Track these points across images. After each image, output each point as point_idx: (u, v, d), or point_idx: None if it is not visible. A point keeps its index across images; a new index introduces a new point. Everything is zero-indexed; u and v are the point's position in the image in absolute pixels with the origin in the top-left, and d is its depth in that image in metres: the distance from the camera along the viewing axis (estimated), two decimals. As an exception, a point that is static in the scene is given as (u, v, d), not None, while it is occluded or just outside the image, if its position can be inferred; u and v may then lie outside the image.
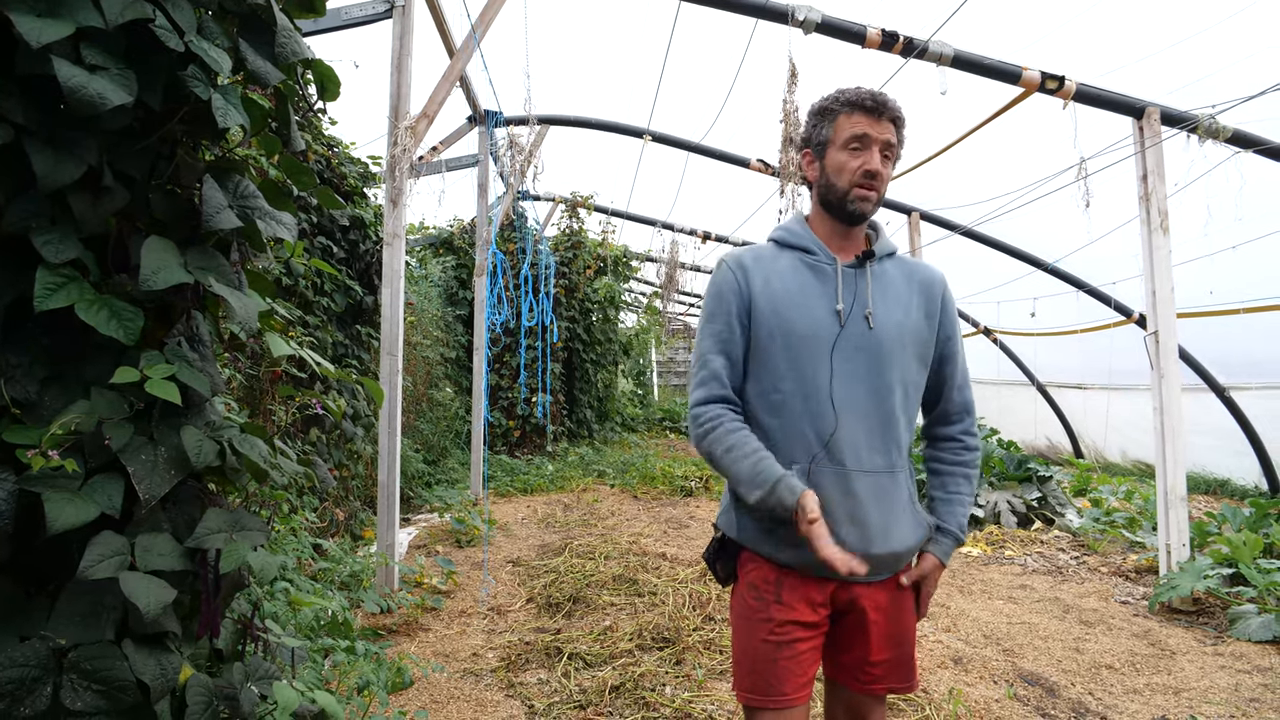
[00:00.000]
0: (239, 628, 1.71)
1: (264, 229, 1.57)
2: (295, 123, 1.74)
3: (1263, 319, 7.39)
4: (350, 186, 5.79)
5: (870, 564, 1.71)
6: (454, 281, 11.05)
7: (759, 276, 1.79)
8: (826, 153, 1.81)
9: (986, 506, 7.24)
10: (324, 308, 5.38)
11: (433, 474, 8.55)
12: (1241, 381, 8.45)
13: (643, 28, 6.11)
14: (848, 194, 1.77)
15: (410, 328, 8.48)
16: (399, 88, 4.64)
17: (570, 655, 3.76)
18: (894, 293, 1.83)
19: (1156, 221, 5.22)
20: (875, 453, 1.75)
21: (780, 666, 1.73)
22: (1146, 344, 5.22)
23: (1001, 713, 3.25)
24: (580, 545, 5.87)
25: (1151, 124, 5.31)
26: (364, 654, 2.97)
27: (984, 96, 5.86)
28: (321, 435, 5.16)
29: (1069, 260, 8.53)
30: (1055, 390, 11.49)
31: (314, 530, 4.68)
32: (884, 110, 1.78)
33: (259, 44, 1.56)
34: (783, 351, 1.74)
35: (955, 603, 4.86)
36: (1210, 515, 6.29)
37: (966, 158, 7.06)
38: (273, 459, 1.61)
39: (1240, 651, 4.13)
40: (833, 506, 1.70)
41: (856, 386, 1.74)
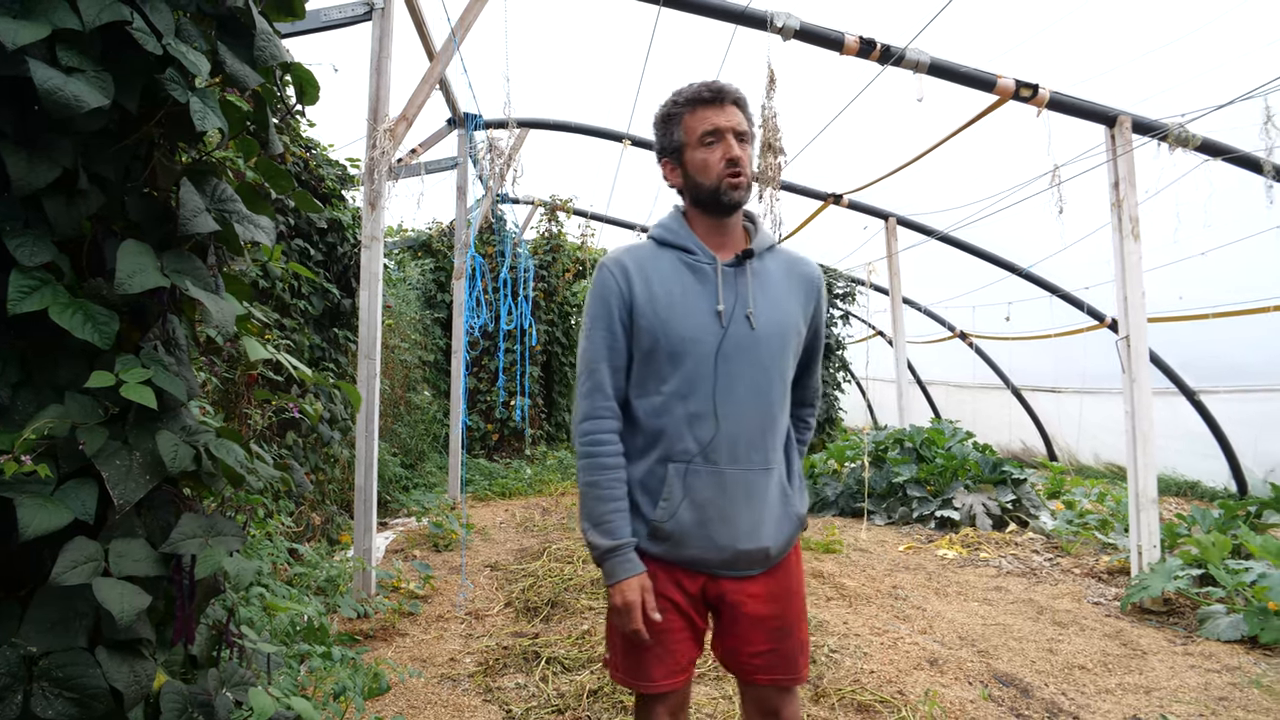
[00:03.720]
0: (214, 634, 1.70)
1: (241, 232, 1.56)
2: (274, 126, 1.73)
3: (1231, 324, 7.52)
4: (328, 189, 5.76)
5: (740, 559, 1.78)
6: (432, 284, 11.01)
7: (639, 279, 1.79)
8: (684, 155, 1.82)
9: (962, 509, 7.30)
10: (301, 310, 5.34)
11: (410, 478, 8.50)
12: (1211, 385, 8.60)
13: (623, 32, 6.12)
14: (718, 187, 1.78)
15: (388, 331, 8.44)
16: (378, 90, 4.62)
17: (548, 659, 3.76)
18: (774, 289, 1.85)
19: (1128, 228, 5.30)
20: (753, 450, 1.78)
21: (653, 654, 1.79)
22: (1118, 348, 5.29)
23: (976, 714, 3.28)
24: (559, 549, 5.86)
25: (1123, 132, 5.39)
26: (340, 659, 2.95)
27: (960, 104, 5.92)
28: (298, 439, 5.13)
29: (1043, 265, 8.64)
30: (1030, 394, 11.63)
31: (290, 535, 4.65)
32: (724, 97, 1.79)
33: (237, 47, 1.55)
34: (665, 355, 1.75)
35: (931, 605, 4.90)
36: (1180, 517, 6.37)
37: (943, 164, 7.14)
38: (249, 463, 1.60)
39: (1209, 651, 4.20)
40: (706, 504, 1.74)
41: (738, 387, 1.76)
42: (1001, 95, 5.48)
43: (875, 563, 5.93)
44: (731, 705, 3.23)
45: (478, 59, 6.57)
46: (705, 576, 1.81)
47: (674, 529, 1.74)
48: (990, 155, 6.80)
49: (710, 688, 3.44)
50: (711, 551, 1.76)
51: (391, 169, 4.74)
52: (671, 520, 1.74)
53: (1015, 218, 7.27)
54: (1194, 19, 5.08)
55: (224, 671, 1.65)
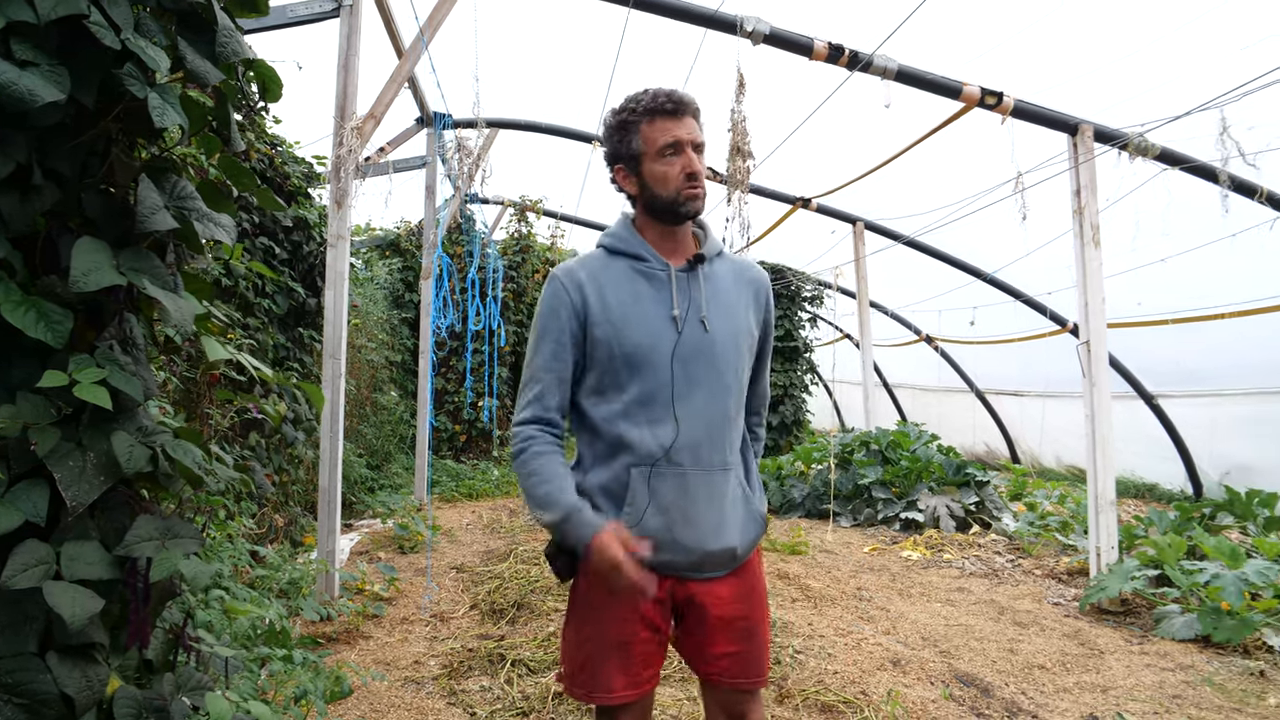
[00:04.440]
0: (170, 638, 1.67)
1: (201, 230, 1.54)
2: (236, 123, 1.71)
3: (1188, 329, 7.68)
4: (294, 187, 5.69)
5: (707, 561, 1.79)
6: (400, 284, 10.92)
7: (593, 289, 1.79)
8: (642, 166, 1.81)
9: (926, 511, 7.39)
10: (265, 310, 5.27)
11: (376, 479, 8.43)
12: (1169, 390, 8.77)
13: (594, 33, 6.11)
14: (677, 199, 1.79)
15: (355, 330, 8.35)
16: (345, 88, 4.58)
17: (513, 662, 3.74)
18: (725, 294, 1.87)
19: (1089, 235, 5.40)
20: (714, 451, 1.79)
21: (615, 664, 1.76)
22: (1079, 353, 5.38)
23: (938, 713, 3.32)
24: (525, 550, 5.84)
25: (1085, 140, 5.49)
26: (302, 663, 2.92)
27: (927, 110, 5.99)
28: (261, 440, 5.06)
29: (1007, 271, 8.76)
30: (994, 397, 11.79)
31: (252, 537, 4.59)
32: (684, 108, 1.79)
33: (198, 42, 1.53)
34: (622, 361, 1.76)
35: (895, 605, 4.95)
36: (1138, 519, 6.50)
37: (910, 169, 7.22)
38: (208, 464, 1.58)
39: (1165, 650, 4.29)
40: (671, 507, 1.74)
41: (696, 390, 1.77)
42: (967, 102, 5.55)
43: (841, 564, 5.98)
44: (695, 706, 3.24)
45: (448, 58, 6.53)
46: (673, 580, 1.81)
47: (640, 534, 1.73)
48: (956, 161, 6.89)
49: (675, 689, 3.45)
50: (680, 554, 1.77)
51: (359, 167, 4.70)
52: (638, 526, 1.74)
53: (980, 223, 7.36)
54: (1155, 30, 5.17)
55: (180, 676, 1.63)
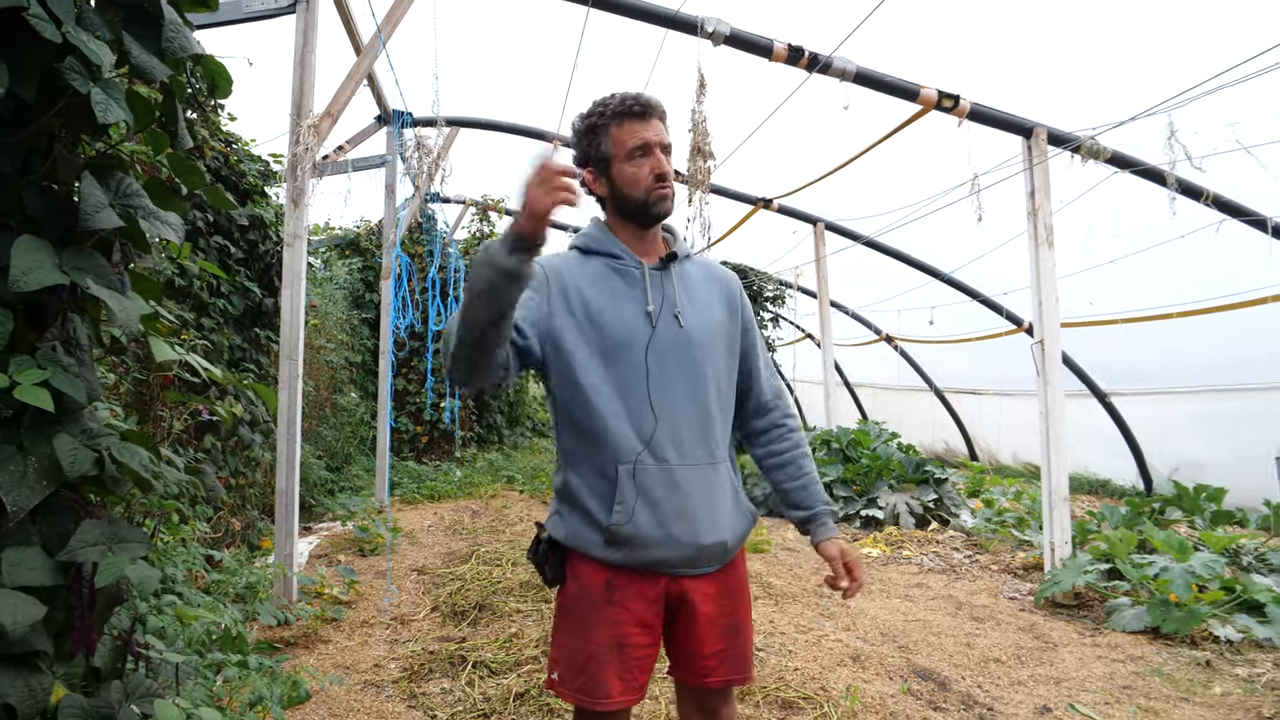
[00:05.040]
0: (118, 644, 1.64)
1: (148, 229, 1.51)
2: (187, 119, 1.68)
3: (1139, 329, 7.86)
4: (250, 185, 5.60)
5: (702, 555, 1.79)
6: (360, 284, 10.80)
7: (569, 279, 1.81)
8: (611, 168, 1.84)
9: (886, 508, 7.48)
10: (220, 310, 5.18)
11: (336, 481, 8.32)
12: (1121, 388, 8.97)
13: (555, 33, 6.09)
14: (647, 200, 1.82)
15: (313, 331, 8.24)
16: (302, 85, 4.52)
17: (475, 664, 3.72)
18: (698, 291, 1.90)
19: (1043, 236, 5.50)
20: (697, 446, 1.80)
21: (612, 668, 1.75)
22: (1033, 352, 5.49)
23: (896, 708, 3.36)
24: (487, 552, 5.81)
25: (1039, 143, 5.60)
26: (258, 668, 2.87)
27: (886, 112, 6.06)
28: (217, 442, 4.98)
29: (964, 271, 8.90)
30: (952, 395, 11.97)
31: (208, 541, 4.50)
32: (651, 111, 1.82)
33: (144, 37, 1.50)
34: (599, 356, 1.77)
35: (855, 602, 5.00)
36: (1091, 514, 6.64)
37: (870, 170, 7.29)
38: (155, 467, 1.55)
39: (1116, 642, 4.38)
40: (661, 501, 1.74)
41: (673, 384, 1.78)
42: (925, 105, 5.63)
43: (802, 562, 6.02)
44: (658, 705, 3.25)
45: (408, 56, 6.47)
46: (667, 578, 1.81)
47: (633, 532, 1.73)
48: (915, 163, 6.98)
49: (637, 688, 3.45)
50: (674, 550, 1.76)
51: (316, 166, 4.64)
52: (629, 523, 1.73)
53: (938, 224, 7.47)
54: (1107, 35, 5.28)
55: (129, 684, 1.59)
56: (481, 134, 8.12)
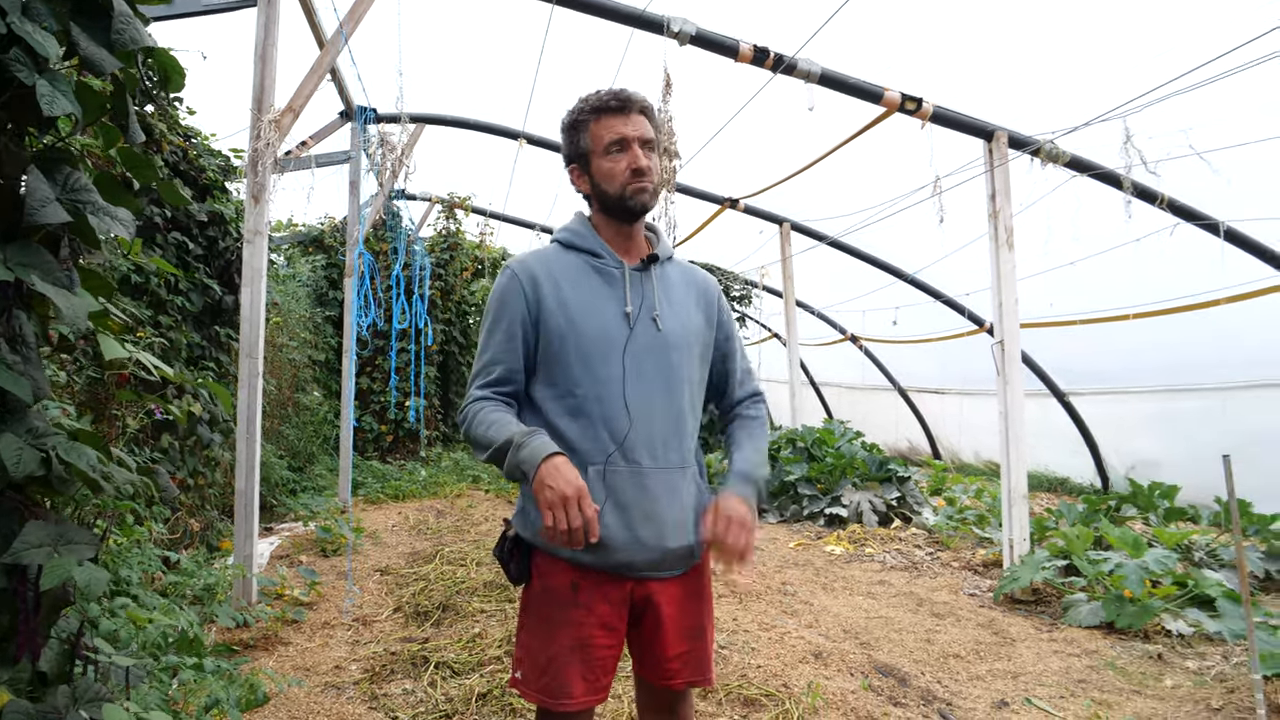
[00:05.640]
0: (66, 648, 1.60)
1: (97, 224, 1.48)
2: (140, 113, 1.65)
3: (1097, 330, 8.01)
4: (209, 180, 5.51)
5: (667, 558, 1.79)
6: (324, 281, 10.69)
7: (547, 283, 1.81)
8: (591, 163, 1.84)
9: (850, 506, 7.55)
10: (179, 307, 5.09)
11: (299, 481, 8.22)
12: (1080, 388, 9.14)
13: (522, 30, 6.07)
14: (624, 194, 1.81)
15: (276, 329, 8.14)
16: (263, 79, 4.46)
17: (437, 664, 3.70)
18: (676, 295, 1.91)
19: (1003, 238, 5.59)
20: (669, 450, 1.80)
21: (575, 669, 1.75)
22: (993, 352, 5.57)
23: (857, 703, 3.39)
24: (452, 551, 5.77)
25: (1000, 146, 5.69)
26: (214, 671, 2.83)
27: (852, 114, 6.11)
28: (175, 442, 4.89)
29: (928, 271, 9.00)
30: (916, 395, 12.11)
31: (165, 542, 4.43)
32: (630, 105, 1.82)
33: (93, 29, 1.47)
34: (575, 355, 1.77)
35: (818, 599, 5.04)
36: (1050, 511, 6.76)
37: (835, 171, 7.35)
38: (105, 467, 1.52)
39: (1072, 637, 4.47)
40: (630, 504, 1.74)
41: (648, 386, 1.78)
42: (888, 107, 5.69)
43: (766, 559, 6.06)
44: (620, 704, 3.25)
45: (372, 52, 6.41)
46: (632, 581, 1.80)
47: (600, 534, 1.71)
48: (879, 165, 7.04)
49: (600, 687, 3.45)
50: (640, 553, 1.76)
51: (277, 161, 4.58)
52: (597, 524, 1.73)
53: (902, 225, 7.55)
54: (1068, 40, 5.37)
55: (77, 688, 1.56)
56: (448, 131, 8.07)
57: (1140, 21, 4.95)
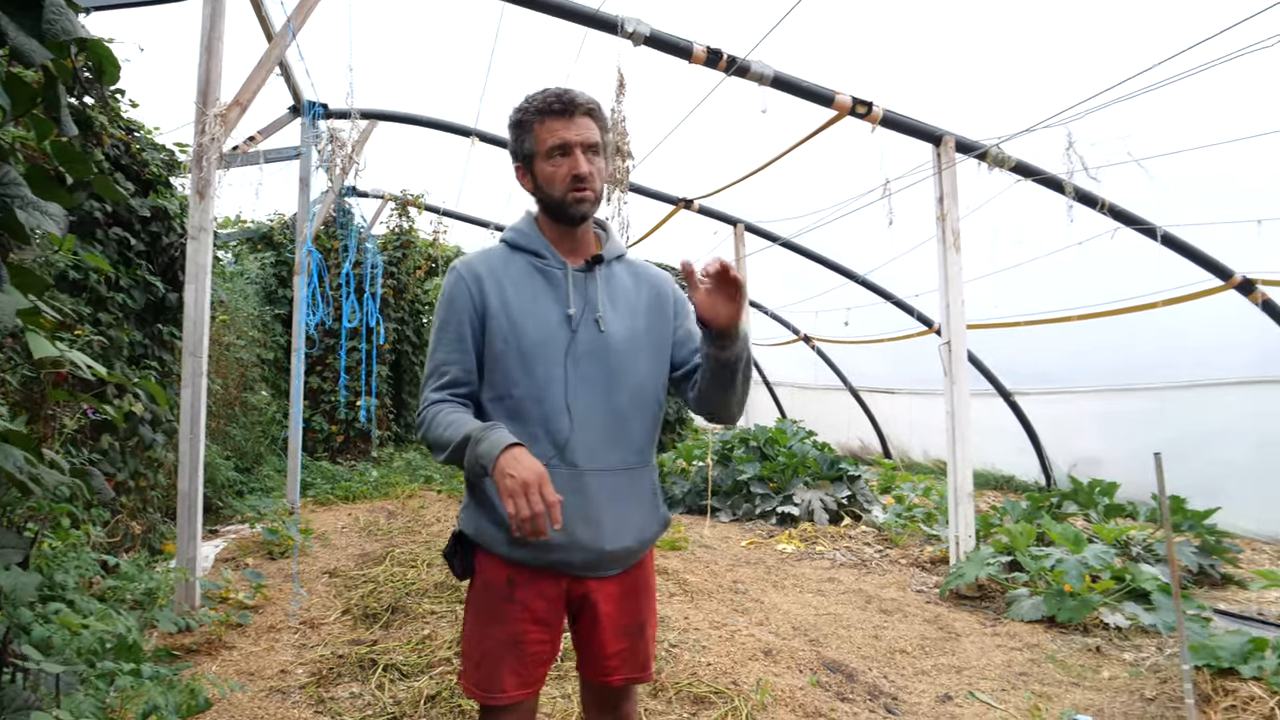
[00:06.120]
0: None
1: (25, 219, 1.44)
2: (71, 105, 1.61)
3: (1042, 331, 8.20)
4: (153, 175, 5.37)
5: (604, 560, 1.80)
6: (273, 279, 10.50)
7: (491, 283, 1.80)
8: (534, 165, 1.83)
9: (801, 505, 7.63)
10: (120, 304, 4.97)
11: (246, 482, 8.07)
12: (1025, 387, 9.35)
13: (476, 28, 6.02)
14: (564, 200, 1.80)
15: (223, 327, 7.98)
16: (208, 72, 4.37)
17: (386, 666, 3.66)
18: (624, 295, 1.89)
19: (950, 240, 5.69)
20: (611, 452, 1.80)
21: (507, 664, 1.76)
22: (940, 352, 5.67)
23: (805, 699, 3.43)
24: (403, 553, 5.71)
25: (948, 150, 5.79)
26: (152, 677, 2.77)
27: (804, 116, 6.17)
28: (115, 442, 4.77)
29: (878, 273, 9.13)
30: (867, 394, 12.28)
31: (104, 546, 4.32)
32: (574, 108, 1.79)
33: (23, 19, 1.43)
34: (516, 357, 1.76)
35: (769, 597, 5.09)
36: (995, 509, 6.90)
37: (789, 173, 7.41)
38: (34, 469, 1.48)
39: (1014, 631, 4.57)
40: (567, 506, 1.72)
41: (590, 389, 1.78)
42: (840, 110, 5.77)
43: (719, 558, 6.10)
44: (570, 704, 3.25)
45: (323, 47, 6.31)
46: (569, 579, 1.81)
47: None
48: (832, 167, 7.12)
49: (550, 687, 3.44)
50: (576, 554, 1.76)
51: (224, 157, 4.49)
52: None
53: (854, 227, 7.64)
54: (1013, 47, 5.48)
55: (4, 695, 1.52)
56: (401, 128, 7.97)
57: (1083, 30, 5.08)
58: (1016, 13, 5.13)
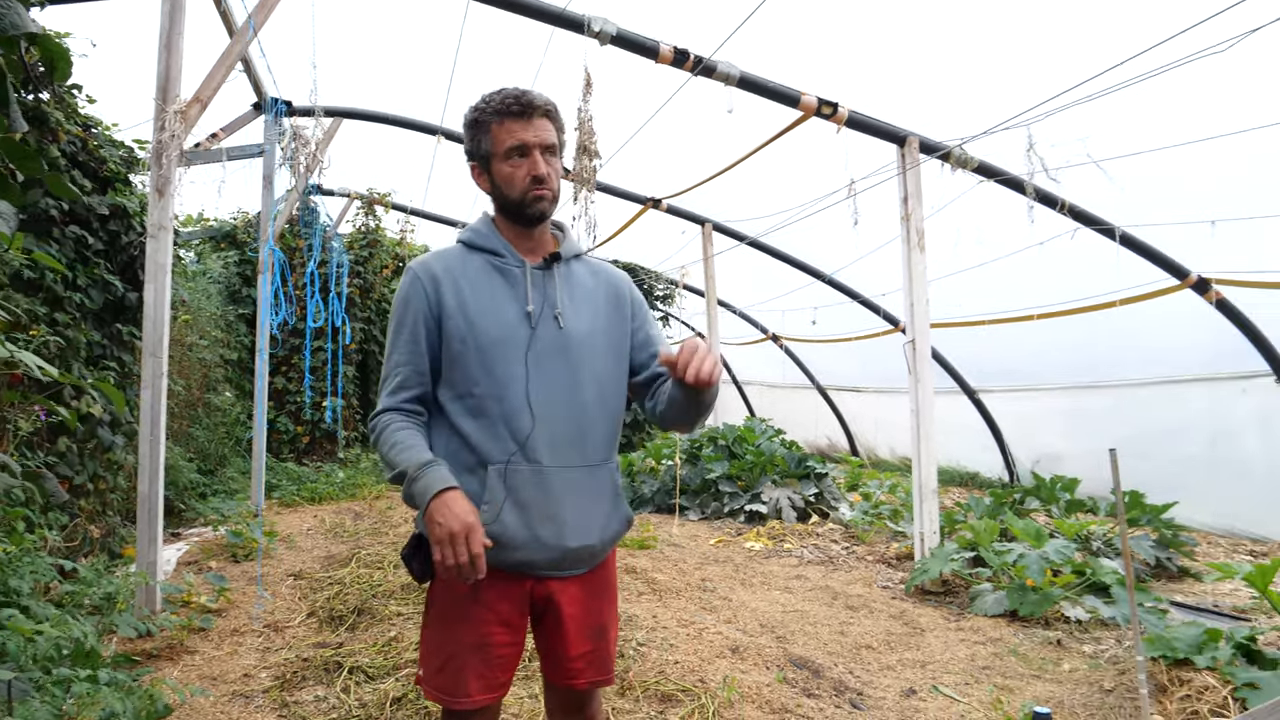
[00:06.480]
0: (-59, 662, 1.53)
1: (-27, 218, 1.41)
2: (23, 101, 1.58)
3: (1004, 329, 8.32)
4: (111, 172, 5.28)
5: (567, 558, 1.79)
6: (237, 278, 10.37)
7: (448, 283, 1.79)
8: (491, 165, 1.83)
9: (769, 503, 7.67)
10: (77, 304, 4.88)
11: (209, 484, 7.96)
12: (989, 385, 9.49)
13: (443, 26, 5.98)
14: (523, 201, 1.81)
15: (185, 327, 7.87)
16: (168, 69, 4.31)
17: (351, 669, 3.62)
18: (582, 293, 1.89)
19: (915, 240, 5.76)
20: (573, 449, 1.80)
21: (472, 668, 1.75)
22: (905, 351, 5.73)
23: (771, 696, 3.45)
24: (369, 555, 5.66)
25: (912, 151, 5.86)
26: (110, 683, 2.72)
27: (772, 116, 6.21)
28: (73, 445, 4.68)
29: (845, 272, 9.21)
30: (835, 393, 12.38)
31: (62, 550, 4.24)
32: (533, 110, 1.80)
33: (-30, 13, 1.40)
34: (475, 355, 1.76)
35: (737, 595, 5.12)
36: (959, 505, 7.00)
37: (757, 173, 7.45)
38: (-17, 473, 1.45)
39: (977, 626, 4.63)
40: (530, 504, 1.74)
41: (551, 386, 1.78)
42: (805, 111, 5.81)
43: (687, 557, 6.12)
44: (538, 705, 3.25)
45: (288, 44, 6.25)
46: (532, 580, 1.80)
47: (498, 531, 1.71)
48: (799, 167, 7.17)
49: (519, 687, 3.44)
50: (539, 552, 1.75)
51: (185, 154, 4.43)
52: (496, 523, 1.71)
53: (820, 227, 7.70)
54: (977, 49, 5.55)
55: (-47, 704, 1.49)
56: (368, 126, 7.91)
57: (1044, 33, 5.16)
58: (980, 15, 5.20)
